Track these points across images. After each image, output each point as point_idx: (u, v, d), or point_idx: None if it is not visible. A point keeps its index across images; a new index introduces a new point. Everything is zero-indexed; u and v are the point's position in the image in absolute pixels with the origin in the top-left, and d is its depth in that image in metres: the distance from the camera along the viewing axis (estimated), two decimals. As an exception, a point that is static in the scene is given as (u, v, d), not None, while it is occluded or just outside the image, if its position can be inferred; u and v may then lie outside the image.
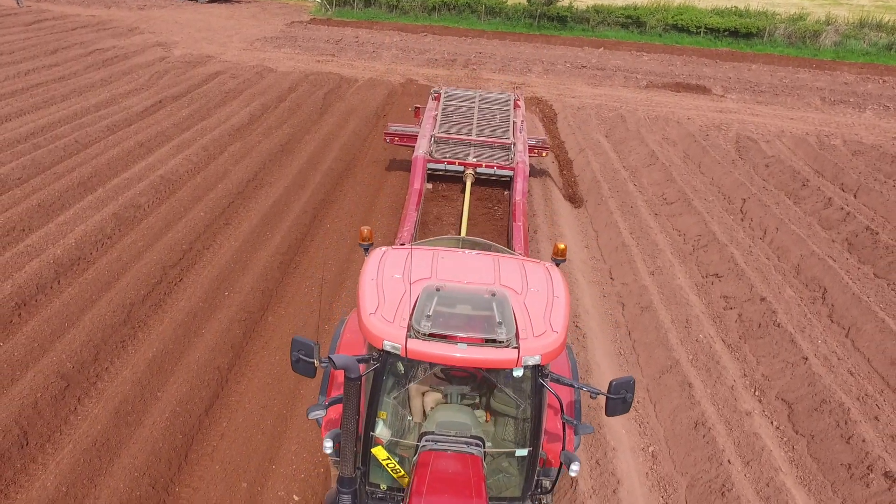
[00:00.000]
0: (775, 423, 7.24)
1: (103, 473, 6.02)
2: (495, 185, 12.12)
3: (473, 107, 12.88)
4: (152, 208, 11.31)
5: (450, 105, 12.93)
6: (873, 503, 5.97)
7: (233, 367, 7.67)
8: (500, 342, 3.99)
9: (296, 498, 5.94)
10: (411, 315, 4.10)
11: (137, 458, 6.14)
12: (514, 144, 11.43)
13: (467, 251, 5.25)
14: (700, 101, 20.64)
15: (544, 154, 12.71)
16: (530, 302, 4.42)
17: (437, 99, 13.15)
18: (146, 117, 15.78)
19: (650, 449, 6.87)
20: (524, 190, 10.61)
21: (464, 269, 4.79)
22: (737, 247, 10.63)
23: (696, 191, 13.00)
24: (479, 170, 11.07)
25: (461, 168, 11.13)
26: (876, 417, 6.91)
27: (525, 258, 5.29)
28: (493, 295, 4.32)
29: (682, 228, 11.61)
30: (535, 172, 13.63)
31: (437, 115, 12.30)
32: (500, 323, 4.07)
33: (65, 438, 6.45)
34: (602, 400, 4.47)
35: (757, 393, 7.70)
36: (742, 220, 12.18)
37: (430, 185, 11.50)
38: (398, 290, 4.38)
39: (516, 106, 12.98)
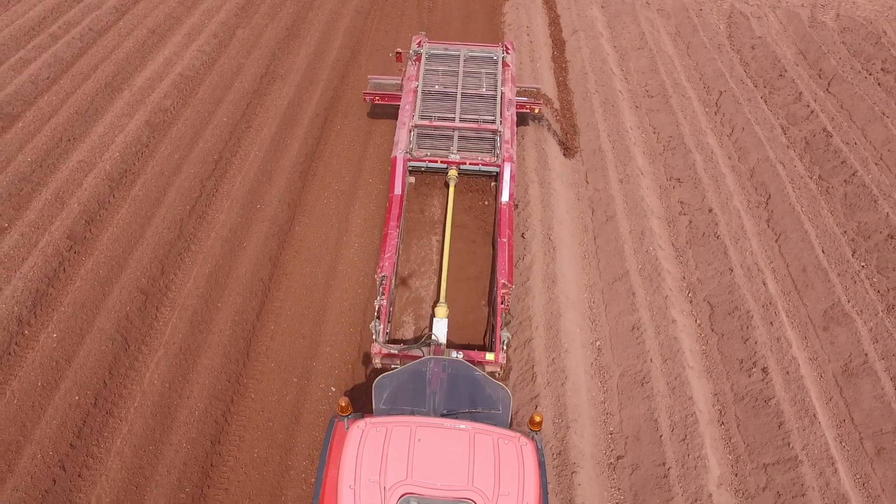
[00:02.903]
0: (698, 322, 9.31)
1: (191, 372, 8.22)
2: (481, 174, 10.90)
3: (457, 72, 11.22)
4: (178, 111, 12.52)
5: (431, 71, 11.29)
6: (750, 389, 8.20)
7: (272, 278, 9.61)
8: None
9: (333, 389, 8.19)
10: None
11: (214, 360, 8.32)
12: (501, 133, 10.21)
13: (444, 425, 5.33)
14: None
15: (536, 110, 11.77)
16: None
17: (417, 61, 11.46)
18: (151, -5, 16.12)
19: (597, 343, 9.01)
20: (511, 191, 9.86)
21: (439, 464, 4.98)
22: (701, 151, 11.97)
23: (677, 84, 13.91)
24: (463, 167, 10.34)
25: (444, 166, 10.36)
26: (771, 323, 8.92)
27: (501, 434, 5.36)
28: None
29: (658, 126, 12.83)
30: (527, 69, 14.44)
31: (416, 89, 10.83)
32: None
33: (155, 342, 8.58)
34: None
35: (690, 294, 9.68)
36: (715, 114, 13.31)
37: (412, 180, 10.76)
38: (375, 499, 4.79)
39: (505, 65, 11.49)
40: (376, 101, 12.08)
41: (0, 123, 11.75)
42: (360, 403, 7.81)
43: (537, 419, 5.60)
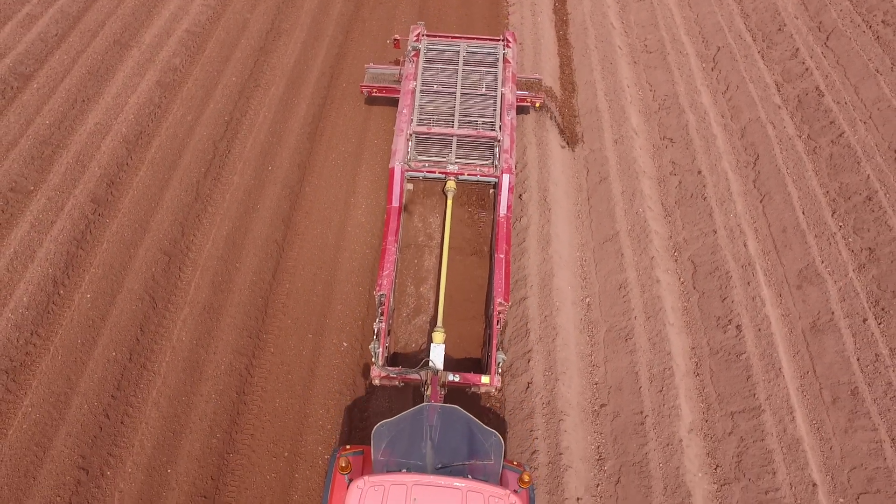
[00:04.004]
0: (682, 280, 10.02)
1: (215, 329, 9.03)
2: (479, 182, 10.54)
3: (457, 71, 10.85)
4: (187, 70, 12.86)
5: (429, 70, 10.93)
6: (724, 344, 8.99)
7: (286, 238, 10.28)
8: None
9: (345, 344, 9.01)
10: None
11: (235, 317, 9.12)
12: (501, 141, 9.88)
13: (438, 483, 5.64)
14: None
15: (537, 104, 11.55)
16: None
17: (415, 57, 11.04)
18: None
19: (587, 300, 9.76)
20: (510, 203, 9.63)
21: None
22: (694, 111, 12.35)
23: (676, 40, 14.09)
24: (461, 177, 10.06)
25: (441, 176, 10.09)
26: (748, 283, 9.62)
27: (492, 492, 5.65)
28: None
29: (654, 84, 13.14)
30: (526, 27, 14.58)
31: (414, 90, 10.50)
32: None
33: (180, 301, 9.35)
34: None
35: (675, 254, 10.35)
36: (712, 70, 13.58)
37: (410, 187, 10.49)
38: None
39: (506, 62, 11.04)
40: (374, 94, 11.85)
41: (15, 83, 12.15)
42: (361, 353, 8.61)
43: (526, 479, 5.95)
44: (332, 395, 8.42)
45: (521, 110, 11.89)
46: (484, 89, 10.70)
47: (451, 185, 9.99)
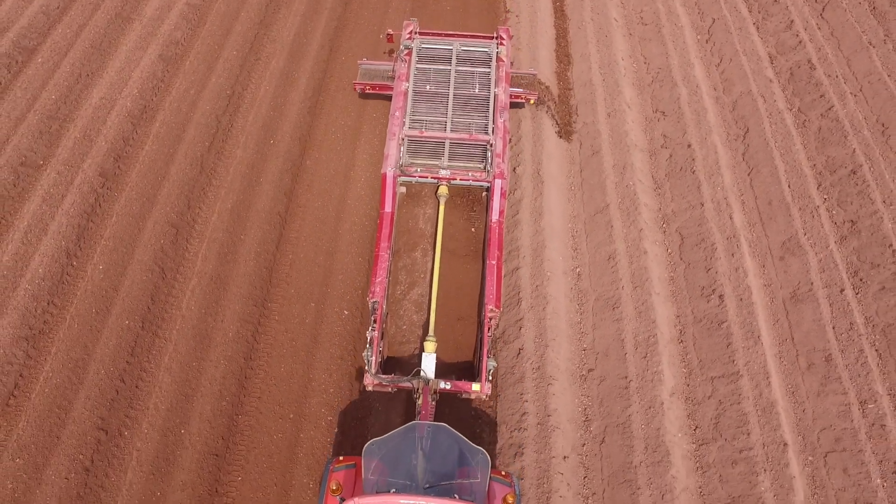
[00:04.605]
0: (669, 251, 10.42)
1: (222, 298, 9.48)
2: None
3: (449, 72, 10.69)
4: (189, 44, 13.06)
5: (422, 71, 10.76)
6: (708, 313, 9.45)
7: (288, 211, 10.67)
8: None
9: (346, 312, 9.48)
10: None
11: (241, 287, 9.57)
12: (493, 145, 9.85)
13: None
14: None
15: (531, 101, 11.54)
16: None
17: (408, 56, 10.85)
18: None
19: (577, 270, 10.18)
20: (502, 208, 9.57)
21: None
22: (687, 84, 12.58)
23: (671, 12, 14.21)
24: (453, 182, 10.05)
25: (434, 180, 10.11)
26: (732, 254, 10.02)
27: None
28: None
29: (649, 56, 13.33)
30: (527, -16, 14.66)
31: (406, 91, 10.41)
32: None
33: (188, 272, 9.78)
34: None
35: (664, 225, 10.73)
36: (706, 42, 13.74)
37: (403, 190, 10.45)
38: None
39: (499, 61, 10.81)
40: (367, 91, 11.83)
41: (20, 58, 12.39)
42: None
43: (510, 500, 6.34)
44: (335, 360, 8.92)
45: (515, 104, 11.75)
46: (477, 91, 10.58)
47: (443, 190, 10.03)
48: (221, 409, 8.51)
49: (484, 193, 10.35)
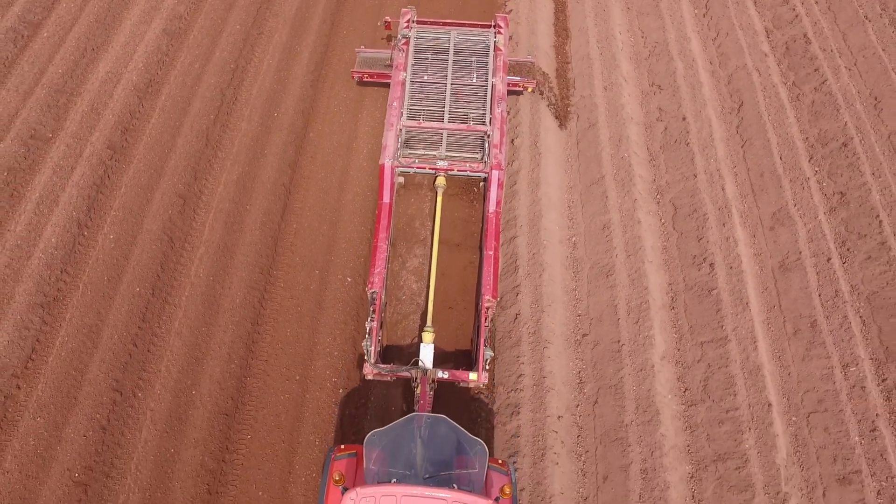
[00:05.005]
0: (662, 221, 10.72)
1: (229, 266, 9.81)
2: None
3: (447, 63, 10.74)
4: (192, 17, 13.21)
5: (420, 60, 10.83)
6: (699, 281, 9.78)
7: (292, 182, 10.95)
8: None
9: (349, 279, 9.81)
10: None
11: (247, 255, 9.90)
12: (490, 136, 9.90)
13: (425, 494, 6.11)
14: None
15: (529, 89, 11.61)
16: None
17: (405, 45, 10.91)
18: None
19: (573, 239, 10.49)
20: (499, 199, 9.69)
21: None
22: (683, 58, 12.75)
23: (670, -16, 14.33)
24: (451, 173, 10.13)
25: (432, 171, 10.19)
26: (724, 224, 10.32)
27: (474, 500, 6.12)
28: None
29: (646, 30, 13.49)
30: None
31: (404, 81, 10.47)
32: None
33: (196, 241, 10.09)
34: None
35: (658, 196, 11.02)
36: (703, 16, 13.88)
37: (401, 180, 10.51)
38: None
39: (497, 50, 10.89)
40: (365, 80, 11.88)
41: (26, 32, 12.57)
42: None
43: (507, 491, 6.56)
44: (338, 324, 9.28)
45: (513, 92, 11.80)
46: (475, 81, 10.59)
47: (440, 181, 10.07)
48: (230, 371, 8.89)
49: (481, 184, 10.44)
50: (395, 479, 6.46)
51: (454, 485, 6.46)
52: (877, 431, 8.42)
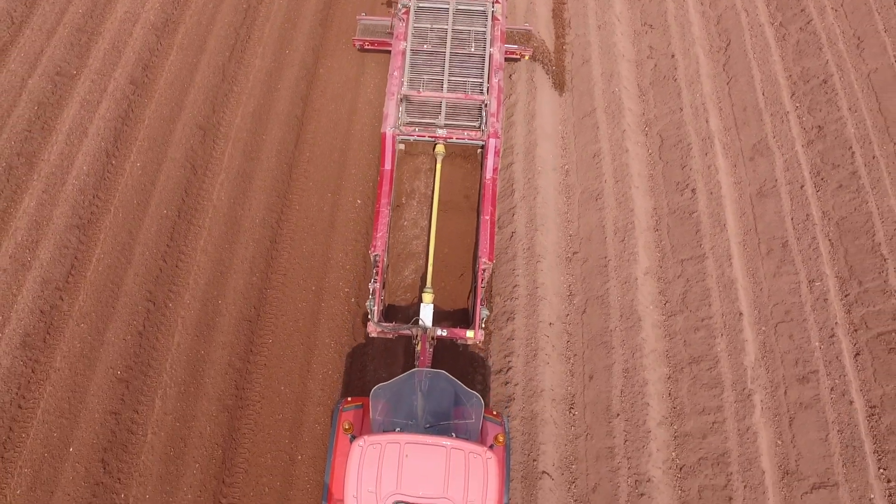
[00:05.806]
0: (649, 151, 11.48)
1: (248, 190, 10.62)
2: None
3: (446, 32, 10.92)
4: (203, -41, 13.71)
5: (419, 30, 10.98)
6: (681, 205, 10.60)
7: (304, 114, 11.68)
8: None
9: (358, 202, 10.64)
10: None
11: (265, 181, 10.71)
12: (488, 105, 10.20)
13: (427, 442, 6.60)
14: None
15: (525, 57, 11.82)
16: None
17: (405, 15, 11.05)
18: None
19: (565, 167, 11.27)
20: (495, 165, 10.07)
21: (422, 476, 6.42)
22: (675, -1, 13.31)
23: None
24: (449, 140, 10.43)
25: (431, 139, 10.45)
26: (706, 154, 11.05)
27: (472, 449, 6.59)
28: None
29: (641, -28, 13.97)
30: None
31: (405, 51, 10.70)
32: None
33: (216, 168, 10.82)
34: None
35: (646, 129, 11.74)
36: (697, -43, 14.33)
37: (402, 146, 10.85)
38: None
39: (495, 19, 11.07)
40: (366, 47, 12.09)
41: (45, -28, 13.10)
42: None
43: (500, 439, 6.91)
44: (349, 241, 10.17)
45: (510, 59, 11.97)
46: (473, 50, 10.81)
47: (440, 148, 10.37)
48: (252, 283, 9.81)
49: (479, 150, 10.79)
50: (398, 429, 7.04)
51: (452, 433, 7.07)
52: (835, 338, 9.35)
